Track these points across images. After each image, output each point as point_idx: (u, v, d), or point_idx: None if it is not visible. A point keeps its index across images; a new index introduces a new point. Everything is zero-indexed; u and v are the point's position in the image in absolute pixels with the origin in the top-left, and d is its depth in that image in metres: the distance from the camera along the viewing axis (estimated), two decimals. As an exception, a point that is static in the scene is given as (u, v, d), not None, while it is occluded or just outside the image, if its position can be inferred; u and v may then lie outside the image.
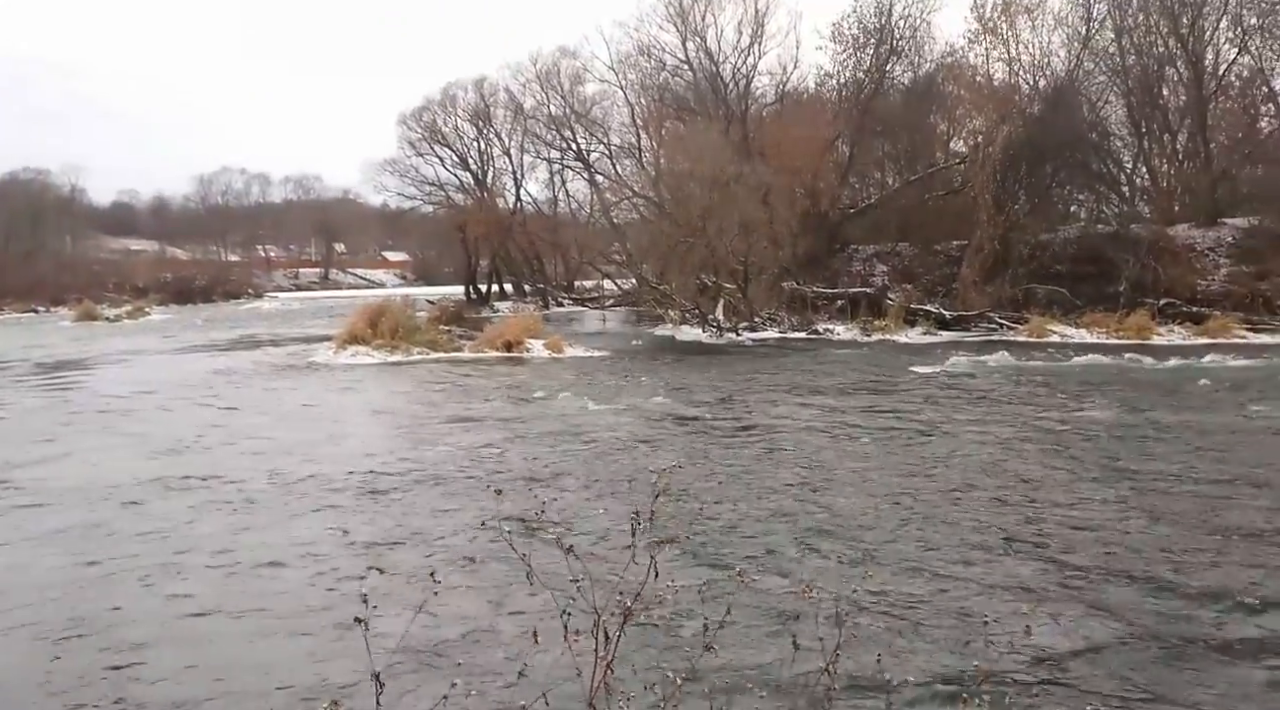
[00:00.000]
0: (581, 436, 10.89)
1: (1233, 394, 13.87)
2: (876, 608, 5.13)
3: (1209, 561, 5.93)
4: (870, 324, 26.61)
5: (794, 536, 6.66)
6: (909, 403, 13.45)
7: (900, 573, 5.79)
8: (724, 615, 2.51)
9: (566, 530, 6.42)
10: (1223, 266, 27.38)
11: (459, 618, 5.05)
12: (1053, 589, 5.47)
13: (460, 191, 49.23)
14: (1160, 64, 32.16)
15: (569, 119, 42.64)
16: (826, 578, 5.45)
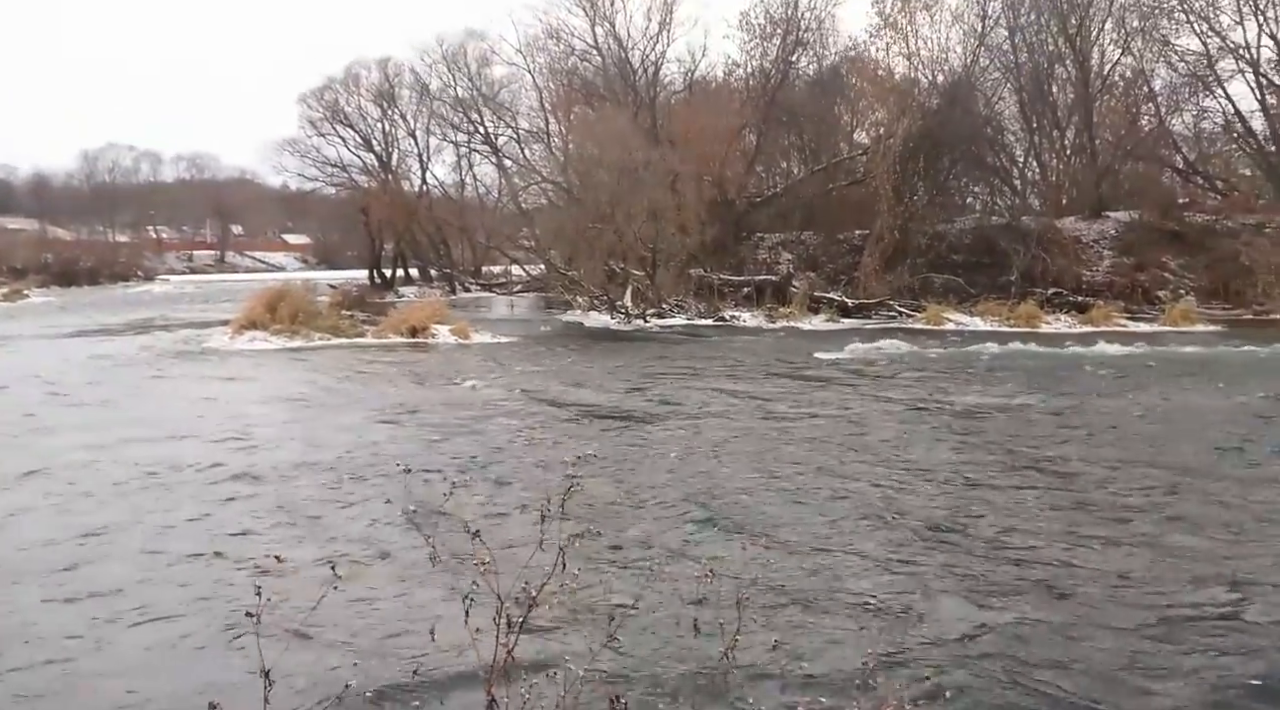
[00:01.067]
0: (489, 423, 10.78)
1: (1114, 379, 14.60)
2: (777, 591, 5.22)
3: (1094, 539, 6.22)
4: (775, 311, 27.08)
5: (700, 521, 6.73)
6: (812, 388, 13.74)
7: (801, 555, 5.91)
8: (631, 604, 2.51)
9: (472, 518, 6.35)
10: (1106, 258, 28.80)
11: (358, 607, 4.93)
12: (945, 570, 5.66)
13: (364, 173, 48.01)
14: (1050, 62, 33.53)
15: (476, 101, 42.02)
16: (730, 562, 5.52)
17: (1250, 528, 6.44)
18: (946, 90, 32.32)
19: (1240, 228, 28.74)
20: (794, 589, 5.27)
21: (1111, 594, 5.19)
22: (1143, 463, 8.53)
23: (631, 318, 26.86)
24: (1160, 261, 28.25)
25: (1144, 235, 28.76)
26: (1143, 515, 6.79)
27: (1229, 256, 27.59)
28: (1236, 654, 4.42)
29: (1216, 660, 4.36)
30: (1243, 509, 6.88)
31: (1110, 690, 4.07)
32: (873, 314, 26.92)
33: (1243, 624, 4.78)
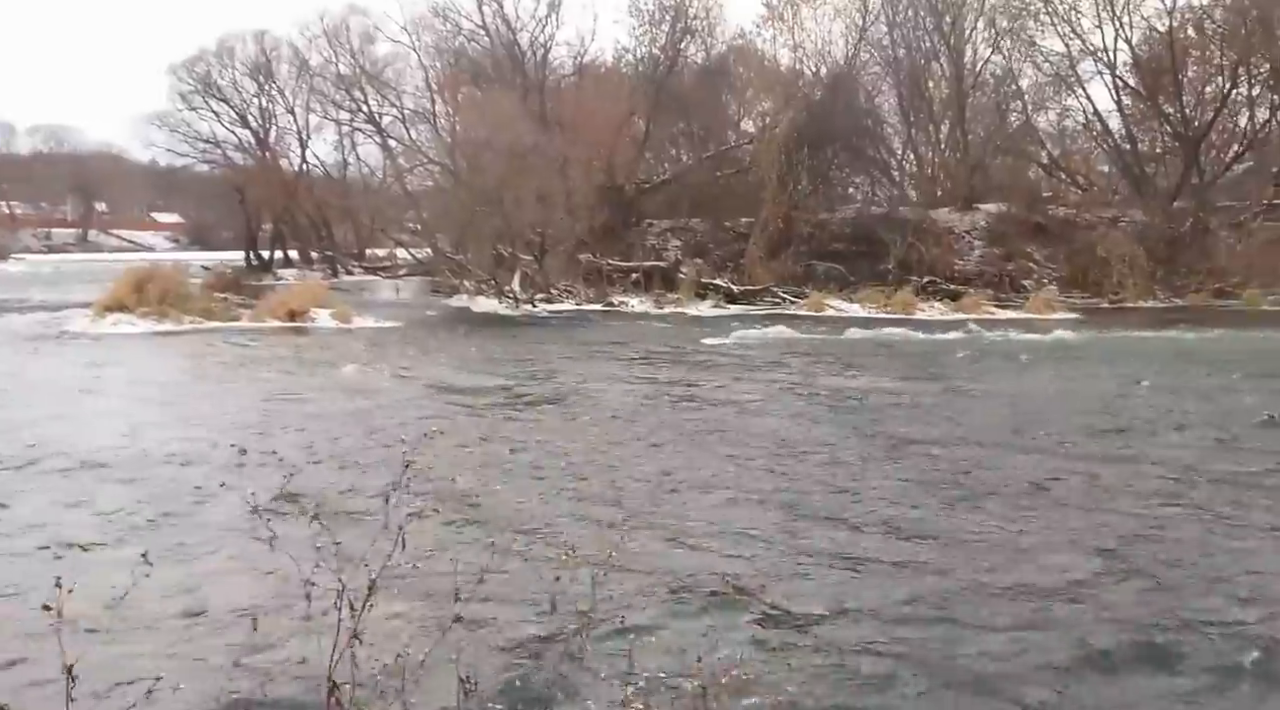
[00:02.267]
0: (365, 409, 10.53)
1: (980, 364, 15.32)
2: (636, 571, 5.24)
3: (960, 516, 6.53)
4: (663, 297, 27.36)
5: (569, 503, 6.77)
6: (696, 374, 13.94)
7: (665, 536, 5.99)
8: (476, 582, 2.50)
9: (333, 505, 6.23)
10: (976, 248, 30.14)
11: (189, 595, 4.74)
12: (807, 547, 5.82)
13: (239, 150, 46.02)
14: (926, 58, 34.78)
15: (359, 79, 40.71)
16: (591, 541, 5.55)
17: (1104, 502, 6.87)
18: (829, 82, 33.13)
19: (1098, 221, 30.53)
20: (653, 569, 5.32)
21: (974, 569, 5.45)
22: (1004, 443, 8.98)
23: (520, 303, 26.65)
24: (1026, 252, 29.77)
25: (1011, 227, 30.23)
26: (1002, 492, 7.16)
27: (1088, 248, 29.26)
28: (1093, 621, 4.71)
29: (1072, 629, 4.65)
30: (1098, 485, 7.34)
31: (972, 666, 4.28)
32: (758, 300, 27.45)
33: (1093, 593, 5.10)
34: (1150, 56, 33.21)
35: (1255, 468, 7.81)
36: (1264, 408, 10.61)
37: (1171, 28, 32.42)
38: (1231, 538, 5.95)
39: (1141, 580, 5.23)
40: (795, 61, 33.79)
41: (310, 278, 35.81)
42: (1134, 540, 5.91)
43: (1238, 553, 5.67)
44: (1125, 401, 11.41)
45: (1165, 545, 5.82)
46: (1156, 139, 35.26)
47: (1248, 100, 33.41)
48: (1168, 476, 7.54)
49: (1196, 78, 33.50)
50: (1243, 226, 30.94)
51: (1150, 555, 5.63)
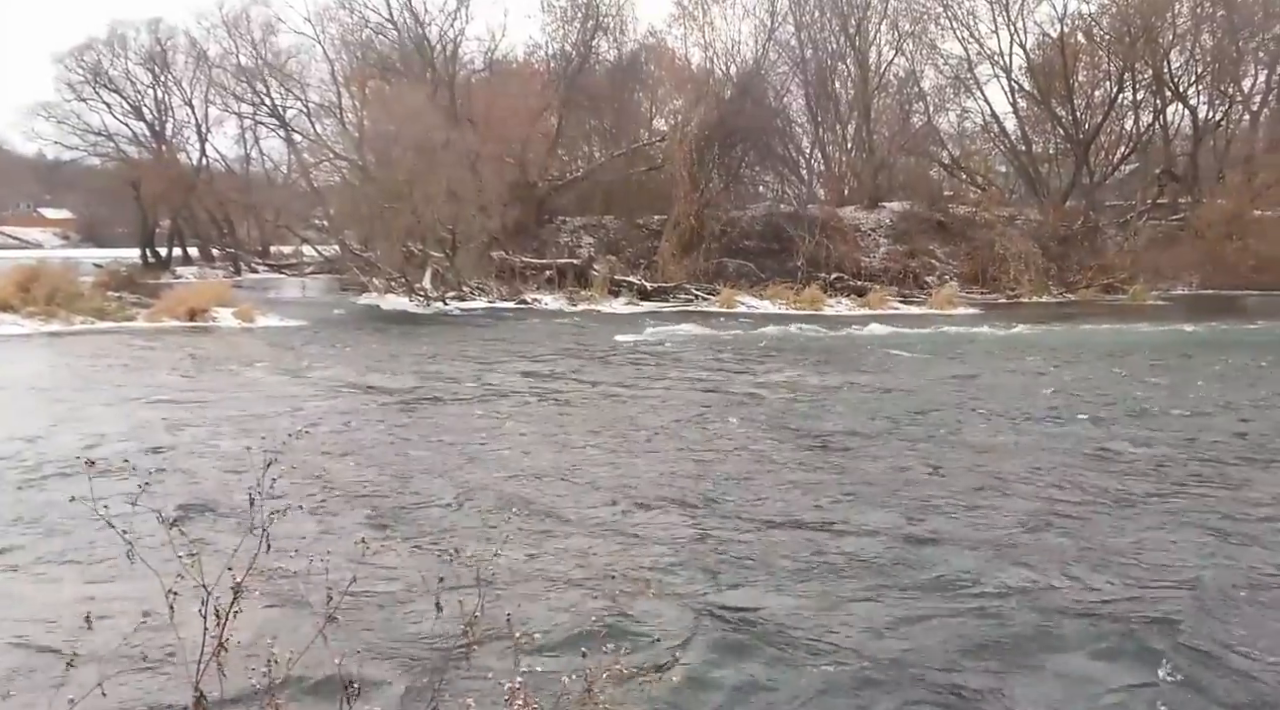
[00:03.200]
0: (265, 411, 10.25)
1: (885, 357, 15.75)
2: (521, 566, 5.26)
3: (862, 504, 6.71)
4: (577, 294, 27.32)
5: (459, 501, 6.72)
6: (608, 370, 13.97)
7: (555, 532, 6.00)
8: (351, 583, 2.47)
9: (201, 510, 6.08)
10: (882, 245, 30.97)
11: (46, 610, 4.58)
12: (697, 540, 5.91)
13: (134, 143, 44.01)
14: (833, 59, 35.53)
15: (261, 71, 39.54)
16: (479, 539, 5.55)
17: (989, 488, 7.15)
18: (739, 81, 33.59)
19: (996, 220, 31.72)
20: (542, 565, 5.33)
21: (863, 562, 5.61)
22: (906, 434, 9.25)
23: (431, 300, 26.29)
24: (928, 249, 30.73)
25: (915, 225, 31.17)
26: (901, 482, 7.39)
27: (986, 246, 30.39)
28: (970, 605, 4.91)
29: (949, 617, 4.83)
30: (985, 472, 7.63)
31: (856, 655, 4.41)
32: (670, 297, 27.65)
33: (976, 580, 5.30)
34: (1043, 61, 34.61)
35: (1137, 452, 8.23)
36: (1150, 396, 11.21)
37: (1062, 34, 33.85)
38: (1118, 518, 6.28)
39: (1030, 560, 5.47)
40: (706, 60, 34.21)
41: (211, 276, 34.64)
42: (1009, 528, 6.17)
43: (1124, 532, 5.98)
44: (1020, 392, 11.88)
45: (1045, 533, 6.09)
46: (1050, 141, 36.80)
47: (1133, 104, 35.12)
48: (1062, 462, 7.89)
49: (1086, 82, 35.08)
50: (1129, 225, 32.57)
51: (1024, 540, 5.90)
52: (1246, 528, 6.10)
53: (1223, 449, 8.42)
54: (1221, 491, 6.99)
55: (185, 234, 46.15)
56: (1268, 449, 8.44)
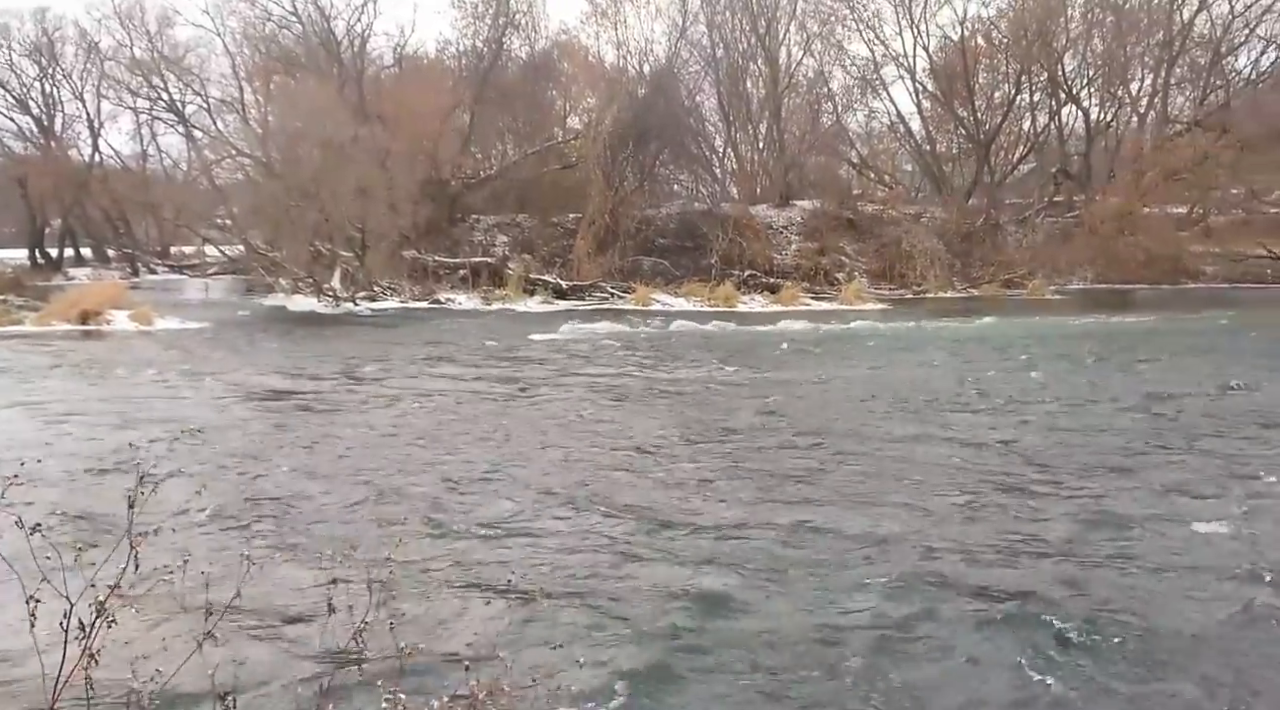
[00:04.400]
0: (157, 416, 9.84)
1: (797, 353, 16.00)
2: (416, 569, 5.18)
3: (764, 498, 6.79)
4: (491, 293, 27.07)
5: (354, 503, 6.60)
6: (522, 369, 13.86)
7: (451, 532, 5.93)
8: (231, 598, 2.37)
9: (75, 517, 5.82)
10: (793, 243, 31.47)
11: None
12: (600, 538, 5.90)
13: (20, 138, 41.94)
14: (744, 59, 35.96)
15: (158, 65, 38.07)
16: (373, 542, 5.44)
17: (896, 476, 7.32)
18: (652, 80, 33.69)
19: (902, 217, 32.57)
20: (436, 567, 5.26)
21: (757, 555, 5.69)
22: (814, 429, 9.40)
23: (340, 301, 25.69)
24: (838, 246, 31.35)
25: (825, 222, 31.77)
26: (811, 475, 7.51)
27: (894, 243, 31.17)
28: (858, 592, 5.02)
29: (848, 597, 4.93)
30: (886, 461, 7.81)
31: (757, 649, 4.46)
32: (586, 295, 27.60)
33: (870, 564, 5.43)
34: (945, 63, 35.67)
35: (1038, 440, 8.53)
36: (1046, 385, 11.64)
37: (963, 37, 34.97)
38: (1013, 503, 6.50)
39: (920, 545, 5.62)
40: (619, 59, 34.24)
41: (107, 277, 33.18)
42: (902, 517, 6.34)
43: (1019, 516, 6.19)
44: (925, 384, 12.20)
45: (945, 522, 6.27)
46: (953, 140, 37.98)
47: (1030, 106, 36.47)
48: (962, 452, 8.13)
49: (987, 84, 36.28)
50: (1027, 222, 33.81)
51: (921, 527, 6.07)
52: (1126, 510, 6.37)
53: (1111, 436, 8.81)
54: (1110, 477, 7.30)
55: (78, 234, 44.13)
56: (1147, 436, 8.85)
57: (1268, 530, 5.90)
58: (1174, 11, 35.19)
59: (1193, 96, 37.86)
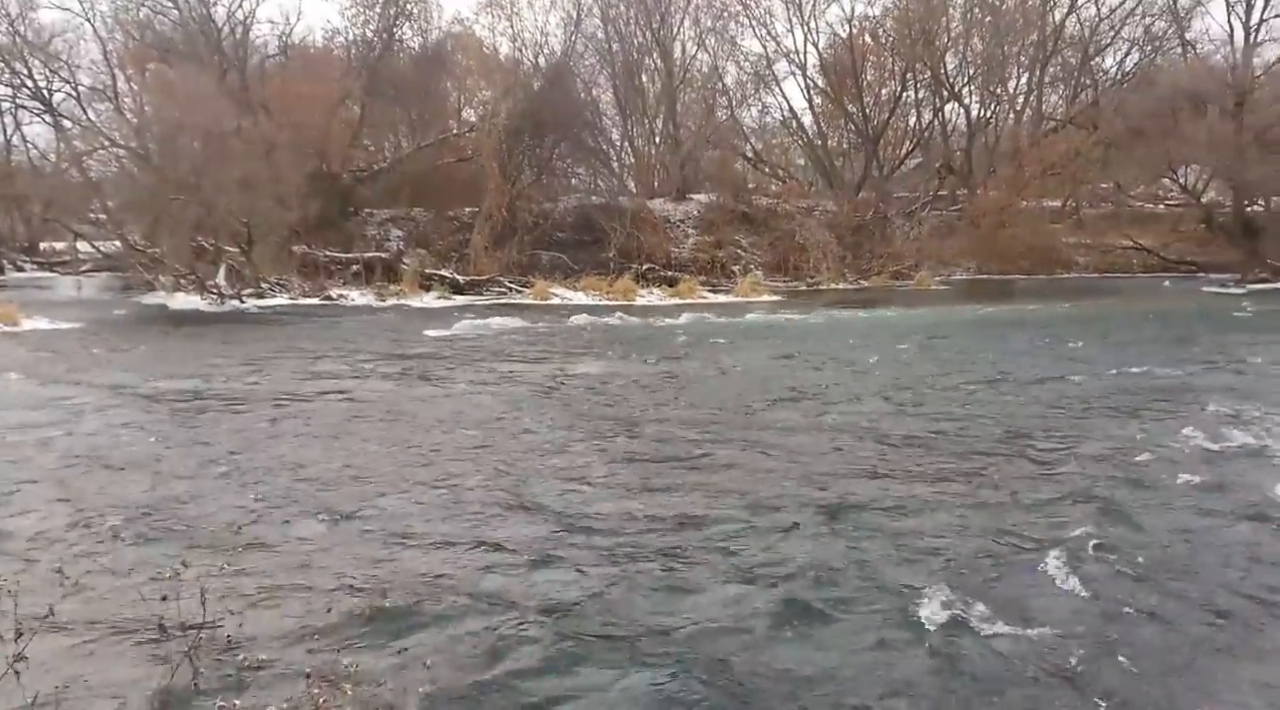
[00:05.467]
0: (16, 423, 9.30)
1: (694, 345, 16.19)
2: (259, 578, 5.01)
3: (670, 493, 6.84)
4: (386, 289, 26.50)
5: (199, 509, 6.34)
6: (418, 366, 13.60)
7: (304, 535, 5.76)
8: (43, 616, 2.23)
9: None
10: (690, 236, 31.81)
11: None
12: (469, 536, 5.81)
13: None
14: (639, 54, 36.12)
15: (20, 50, 35.85)
16: (210, 553, 5.16)
17: (786, 464, 7.49)
18: (548, 73, 33.53)
19: (796, 211, 33.28)
20: (281, 574, 5.08)
21: (640, 549, 5.75)
22: (709, 420, 9.53)
23: (226, 298, 24.74)
24: (734, 240, 31.85)
25: (721, 216, 32.23)
26: (704, 465, 7.61)
27: (788, 236, 31.85)
28: (749, 582, 5.13)
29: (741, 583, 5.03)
30: (779, 450, 7.98)
31: (641, 642, 4.50)
32: (484, 291, 27.31)
33: (749, 546, 5.55)
34: (834, 60, 36.58)
35: (920, 429, 8.85)
36: (931, 373, 12.08)
37: (851, 34, 35.93)
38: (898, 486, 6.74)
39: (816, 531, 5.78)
40: (514, 51, 33.93)
41: (-33, 275, 31.12)
42: (790, 506, 6.51)
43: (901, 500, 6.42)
44: (817, 374, 12.53)
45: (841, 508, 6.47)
46: (843, 136, 39.00)
47: (915, 103, 37.76)
48: (850, 439, 8.38)
49: (874, 81, 37.39)
50: (914, 215, 35.00)
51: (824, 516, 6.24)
52: (996, 496, 6.68)
53: (988, 423, 9.21)
54: (987, 463, 7.64)
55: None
56: (1019, 423, 9.30)
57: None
58: (1047, 14, 36.96)
59: (1065, 95, 39.91)
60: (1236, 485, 6.72)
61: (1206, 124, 31.80)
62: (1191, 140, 31.61)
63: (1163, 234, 33.85)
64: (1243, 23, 34.68)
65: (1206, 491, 6.57)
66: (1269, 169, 30.36)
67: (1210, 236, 32.75)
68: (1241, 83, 32.42)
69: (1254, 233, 30.96)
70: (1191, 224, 33.88)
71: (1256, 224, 31.26)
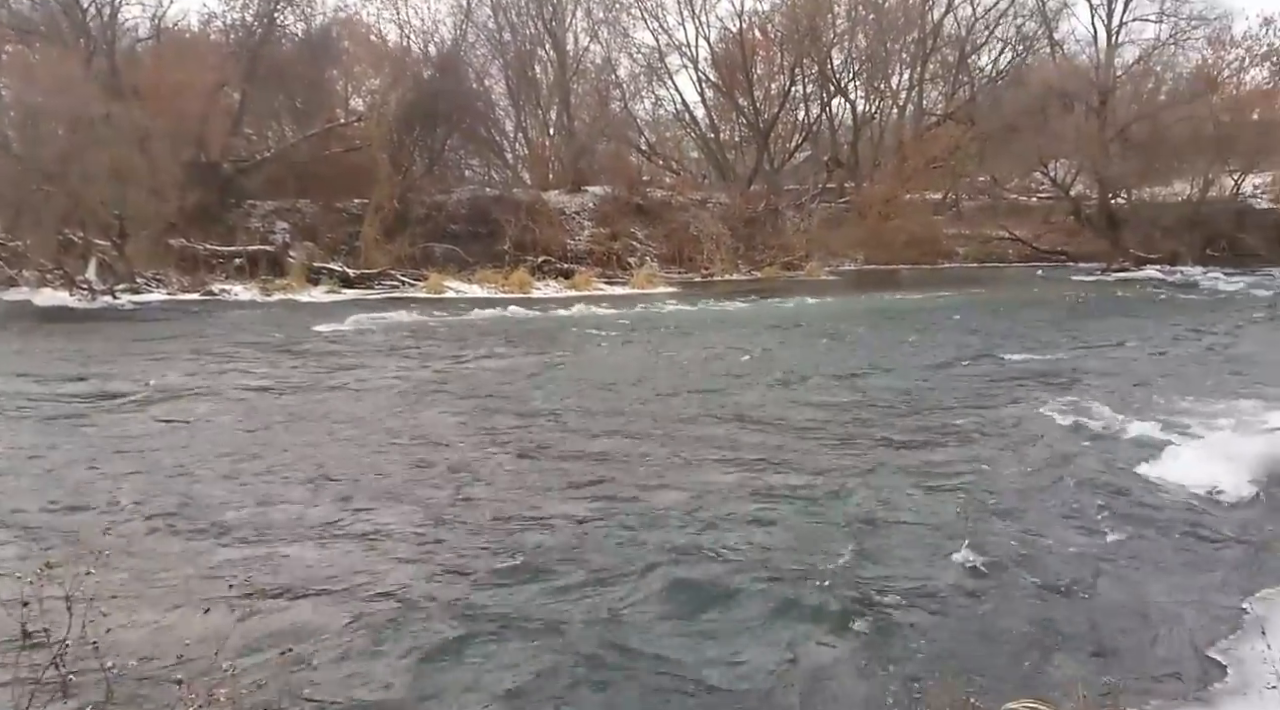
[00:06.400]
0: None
1: (591, 337, 16.23)
2: (129, 579, 4.92)
3: (560, 485, 6.87)
4: (271, 283, 25.59)
5: (69, 511, 6.14)
6: (306, 362, 13.23)
7: (171, 536, 5.63)
8: None
9: None
10: (586, 228, 31.79)
11: None
12: (362, 538, 5.75)
13: None
14: (531, 44, 35.85)
15: None
16: (84, 559, 5.03)
17: (680, 451, 7.61)
18: (439, 62, 32.93)
19: (690, 203, 33.63)
20: (150, 581, 4.97)
21: (533, 544, 5.78)
22: (606, 409, 9.61)
23: (97, 294, 23.45)
24: (630, 231, 31.97)
25: (616, 208, 32.30)
26: (597, 455, 7.67)
27: (682, 228, 32.16)
28: (644, 571, 5.22)
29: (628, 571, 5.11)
30: (670, 440, 8.10)
31: (532, 635, 4.53)
32: (375, 284, 26.64)
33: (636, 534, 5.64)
34: (726, 54, 37.07)
35: (809, 415, 9.11)
36: (820, 361, 12.43)
37: (741, 29, 36.44)
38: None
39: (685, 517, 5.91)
40: (403, 39, 33.18)
41: None
42: (687, 494, 6.65)
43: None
44: (708, 363, 12.75)
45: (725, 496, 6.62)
46: (735, 129, 39.57)
47: (804, 97, 38.59)
48: (741, 430, 8.56)
49: (764, 75, 38.04)
50: (804, 208, 35.83)
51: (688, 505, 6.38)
52: (884, 479, 6.96)
53: (872, 409, 9.56)
54: (881, 447, 7.94)
55: None
56: (902, 408, 9.68)
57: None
58: (926, 13, 38.30)
59: (944, 91, 41.45)
60: (1084, 453, 7.22)
61: (1074, 121, 33.60)
62: (1060, 136, 33.36)
63: (1035, 225, 35.56)
64: (1105, 25, 36.73)
65: (1059, 462, 7.02)
66: (1129, 164, 32.31)
67: (1079, 227, 34.59)
68: (1105, 82, 34.35)
69: (1117, 224, 32.87)
70: (1061, 216, 35.74)
71: (1119, 216, 33.19)
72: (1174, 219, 31.66)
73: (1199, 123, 32.11)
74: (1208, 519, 5.82)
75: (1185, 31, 36.18)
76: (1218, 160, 31.48)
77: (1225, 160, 31.62)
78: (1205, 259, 30.61)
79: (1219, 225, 31.55)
